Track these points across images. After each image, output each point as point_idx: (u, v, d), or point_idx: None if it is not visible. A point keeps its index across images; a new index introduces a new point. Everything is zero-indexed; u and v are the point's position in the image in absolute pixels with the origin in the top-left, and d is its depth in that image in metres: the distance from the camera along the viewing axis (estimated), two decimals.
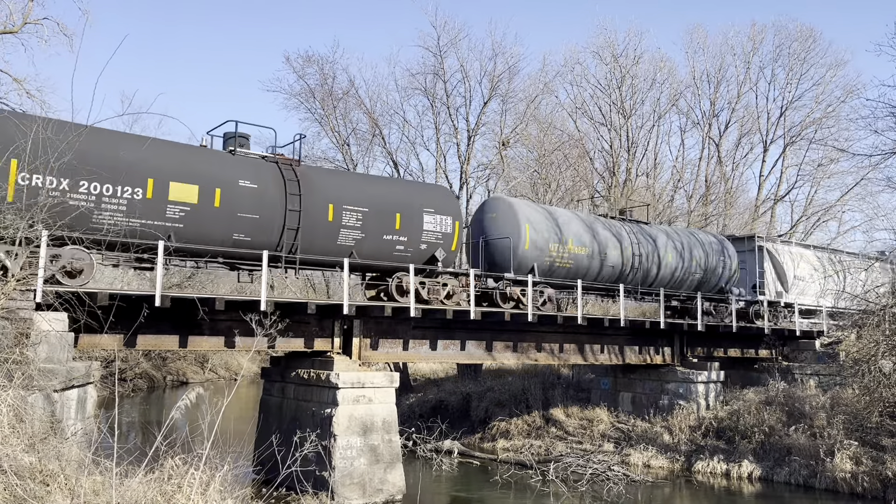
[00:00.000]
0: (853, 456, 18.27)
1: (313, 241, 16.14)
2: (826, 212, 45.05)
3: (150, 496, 7.85)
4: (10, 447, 7.99)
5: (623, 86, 42.18)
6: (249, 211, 15.28)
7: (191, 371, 44.67)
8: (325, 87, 37.15)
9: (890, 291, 19.60)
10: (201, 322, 15.12)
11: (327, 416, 16.11)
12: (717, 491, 18.80)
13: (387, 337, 18.31)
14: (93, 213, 13.25)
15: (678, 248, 24.26)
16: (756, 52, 46.37)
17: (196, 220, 14.55)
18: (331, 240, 16.43)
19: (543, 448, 23.01)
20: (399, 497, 16.41)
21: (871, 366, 18.97)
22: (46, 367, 10.90)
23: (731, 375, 25.66)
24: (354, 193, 16.99)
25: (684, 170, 46.47)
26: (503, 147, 37.11)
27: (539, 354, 21.55)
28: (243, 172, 15.50)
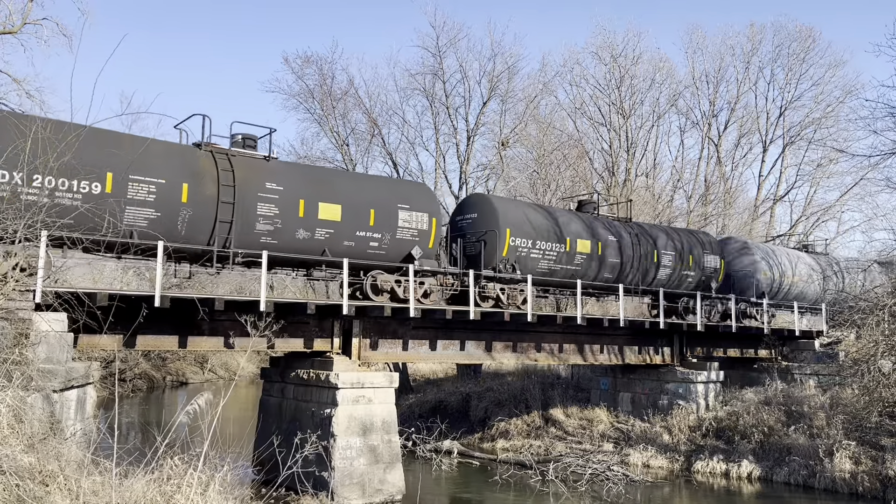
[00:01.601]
0: (852, 456, 18.28)
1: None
2: (825, 212, 45.11)
3: (149, 496, 7.85)
4: (9, 447, 7.99)
5: (622, 86, 42.21)
6: None
7: (190, 371, 44.66)
8: (325, 88, 37.19)
9: (889, 291, 19.59)
10: (201, 322, 15.11)
11: (327, 417, 16.11)
12: (717, 491, 18.80)
13: (386, 337, 18.31)
14: None
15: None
16: (755, 52, 46.45)
17: None
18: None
19: (543, 448, 23.01)
20: (399, 497, 16.41)
21: (870, 365, 18.96)
22: (46, 367, 10.89)
23: (730, 375, 25.66)
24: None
25: (684, 170, 46.54)
26: (502, 147, 37.12)
27: (539, 354, 21.55)
28: None
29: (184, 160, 15.01)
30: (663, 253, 23.60)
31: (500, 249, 19.16)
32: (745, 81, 46.31)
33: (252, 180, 15.53)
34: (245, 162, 15.80)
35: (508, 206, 20.67)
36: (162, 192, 14.34)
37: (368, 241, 17.06)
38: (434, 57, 36.89)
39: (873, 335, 18.88)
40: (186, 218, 14.62)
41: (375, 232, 17.11)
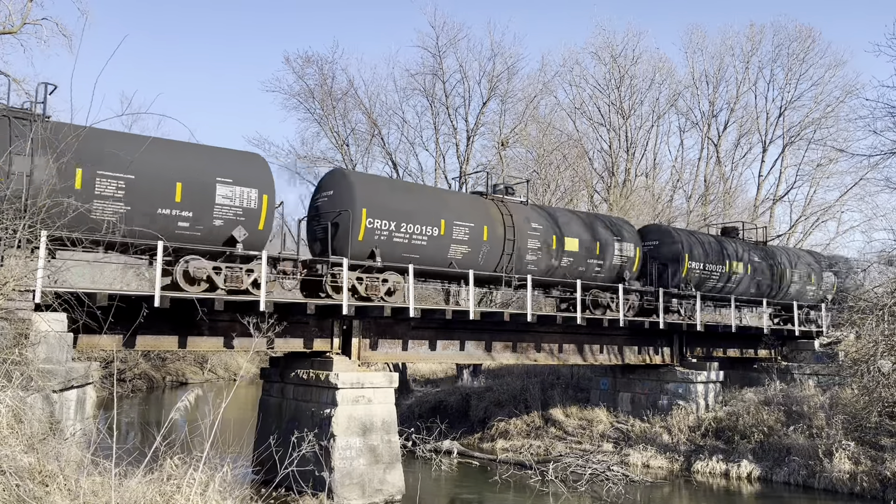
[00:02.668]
0: (852, 456, 18.29)
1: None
2: (825, 212, 45.09)
3: (149, 496, 7.85)
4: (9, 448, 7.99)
5: (622, 86, 42.23)
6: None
7: (190, 371, 44.66)
8: (325, 88, 37.18)
9: (889, 291, 19.60)
10: (200, 322, 15.11)
11: (326, 417, 16.11)
12: (717, 491, 18.80)
13: (386, 337, 18.32)
14: None
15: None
16: (755, 52, 46.45)
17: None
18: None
19: (543, 448, 23.02)
20: (398, 497, 16.41)
21: (869, 365, 18.97)
22: (45, 367, 10.90)
23: (730, 375, 25.67)
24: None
25: (683, 170, 46.55)
26: (502, 147, 37.13)
27: (538, 354, 21.56)
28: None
29: (484, 208, 19.59)
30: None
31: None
32: (745, 81, 46.35)
33: (520, 221, 19.92)
34: (514, 207, 20.44)
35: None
36: (472, 232, 18.85)
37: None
38: (434, 57, 36.92)
39: (873, 335, 18.89)
40: (485, 252, 19.08)
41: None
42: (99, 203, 13.40)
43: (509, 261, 19.72)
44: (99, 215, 13.34)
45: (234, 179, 15.04)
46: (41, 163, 12.51)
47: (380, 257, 17.06)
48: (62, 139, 12.50)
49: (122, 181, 13.62)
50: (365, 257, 16.97)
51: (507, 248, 19.57)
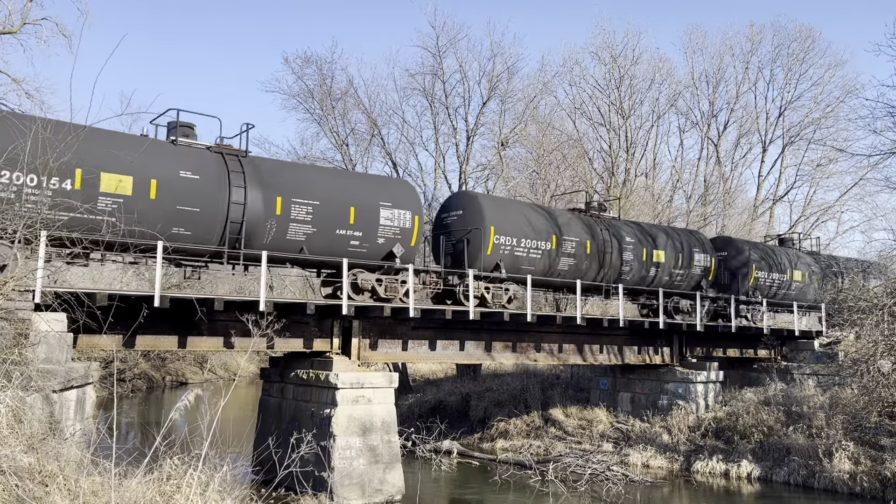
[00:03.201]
0: (852, 456, 18.28)
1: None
2: (825, 212, 45.15)
3: (148, 496, 7.85)
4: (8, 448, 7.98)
5: (622, 86, 42.24)
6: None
7: (190, 371, 44.67)
8: (324, 88, 37.17)
9: (888, 291, 19.61)
10: (200, 322, 15.11)
11: (326, 417, 16.11)
12: (716, 491, 18.80)
13: (386, 337, 18.32)
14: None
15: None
16: (755, 52, 46.49)
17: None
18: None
19: (542, 448, 23.03)
20: (398, 497, 16.41)
21: (869, 365, 18.98)
22: (45, 367, 10.89)
23: (730, 375, 25.68)
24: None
25: (683, 170, 46.57)
26: (502, 147, 37.12)
27: (538, 355, 21.56)
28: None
29: (587, 224, 21.86)
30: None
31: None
32: (745, 81, 46.38)
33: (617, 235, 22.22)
34: (609, 222, 22.42)
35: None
36: (577, 246, 21.02)
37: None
38: (434, 57, 36.91)
39: (872, 335, 18.90)
40: (587, 264, 21.34)
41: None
42: (294, 225, 15.83)
43: (607, 271, 22.13)
44: (293, 236, 15.85)
45: (392, 203, 17.43)
46: (252, 193, 15.15)
47: (504, 269, 19.13)
48: (264, 173, 15.50)
49: (310, 207, 16.03)
50: (491, 269, 19.09)
51: (604, 260, 21.94)
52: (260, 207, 15.23)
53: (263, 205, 15.27)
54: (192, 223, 14.45)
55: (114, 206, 13.43)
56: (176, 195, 14.26)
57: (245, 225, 15.01)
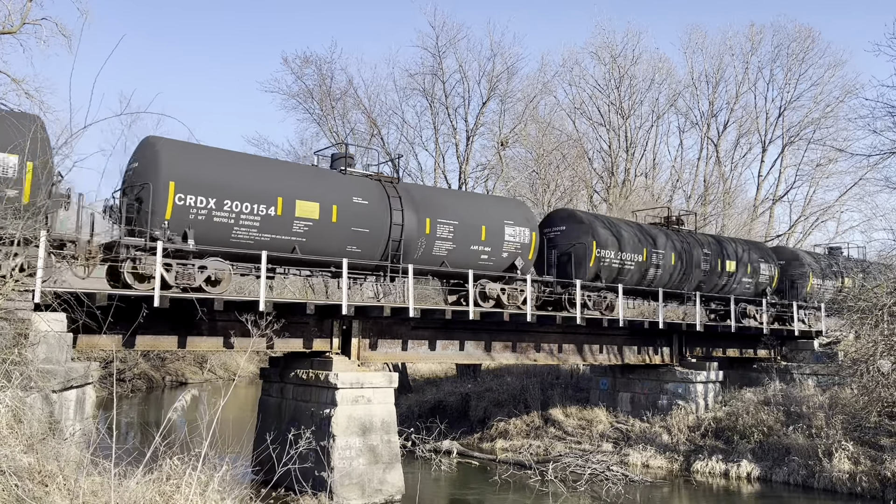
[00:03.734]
0: (851, 456, 18.28)
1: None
2: (824, 212, 45.13)
3: (148, 496, 7.85)
4: (8, 448, 7.99)
5: (621, 86, 42.26)
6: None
7: (189, 371, 44.65)
8: (324, 88, 37.19)
9: (888, 291, 19.60)
10: (200, 323, 15.11)
11: (326, 417, 16.11)
12: (716, 491, 18.81)
13: (386, 337, 18.31)
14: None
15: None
16: (755, 52, 46.50)
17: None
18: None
19: (542, 448, 23.02)
20: (398, 497, 16.41)
21: (869, 365, 18.97)
22: (45, 367, 10.89)
23: (729, 375, 25.68)
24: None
25: (683, 170, 46.58)
26: (502, 147, 37.12)
27: (538, 354, 21.56)
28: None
29: (672, 239, 23.95)
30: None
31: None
32: (745, 81, 46.39)
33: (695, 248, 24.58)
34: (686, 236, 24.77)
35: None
36: (664, 258, 23.43)
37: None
38: (433, 57, 36.93)
39: (872, 335, 18.90)
40: (673, 273, 23.70)
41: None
42: (439, 242, 18.21)
43: (689, 280, 24.42)
44: (438, 252, 18.24)
45: (514, 221, 19.78)
46: (408, 215, 17.60)
47: (603, 279, 21.55)
48: (415, 197, 18.13)
49: (451, 226, 18.44)
50: (592, 279, 21.45)
51: (686, 270, 24.28)
52: (414, 227, 17.73)
53: (417, 225, 17.80)
54: (362, 242, 16.97)
55: (305, 229, 15.95)
56: (351, 218, 16.70)
57: (402, 243, 17.44)
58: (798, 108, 45.76)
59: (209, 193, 14.51)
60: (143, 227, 13.94)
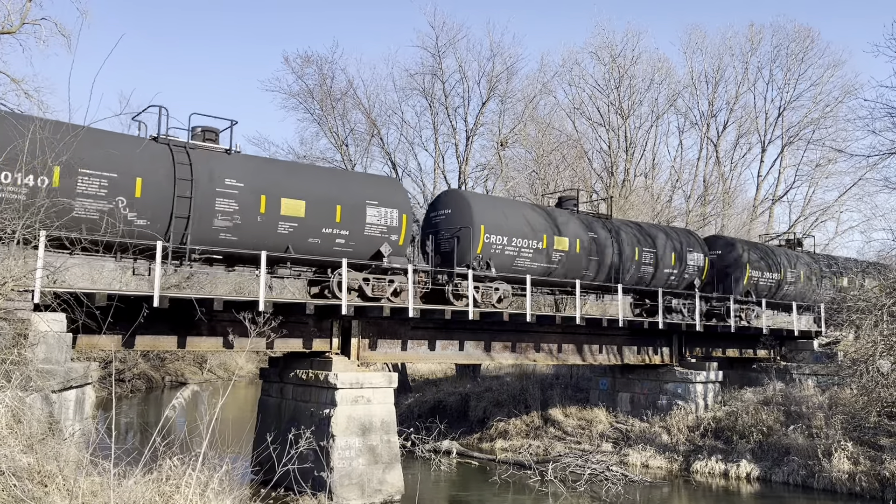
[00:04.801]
0: (851, 456, 18.28)
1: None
2: (824, 212, 45.17)
3: (148, 497, 7.85)
4: (7, 448, 7.98)
5: (621, 86, 42.24)
6: None
7: (189, 371, 44.65)
8: (324, 88, 37.18)
9: (887, 291, 19.61)
10: (199, 323, 15.10)
11: (326, 417, 16.10)
12: (716, 491, 18.81)
13: (385, 337, 18.31)
14: None
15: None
16: (754, 52, 46.52)
17: None
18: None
19: (542, 448, 23.02)
20: (398, 497, 16.41)
21: (868, 365, 18.98)
22: (44, 367, 10.88)
23: (729, 375, 25.66)
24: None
25: (682, 170, 46.58)
26: (501, 147, 37.12)
27: (538, 355, 21.55)
28: None
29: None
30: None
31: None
32: (744, 82, 46.41)
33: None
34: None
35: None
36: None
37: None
38: (433, 57, 36.92)
39: (872, 335, 18.90)
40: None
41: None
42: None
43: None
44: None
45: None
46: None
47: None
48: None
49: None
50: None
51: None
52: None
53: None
54: None
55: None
56: None
57: None
58: (797, 109, 45.84)
59: None
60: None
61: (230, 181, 15.31)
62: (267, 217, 15.66)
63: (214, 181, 15.04)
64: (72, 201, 13.19)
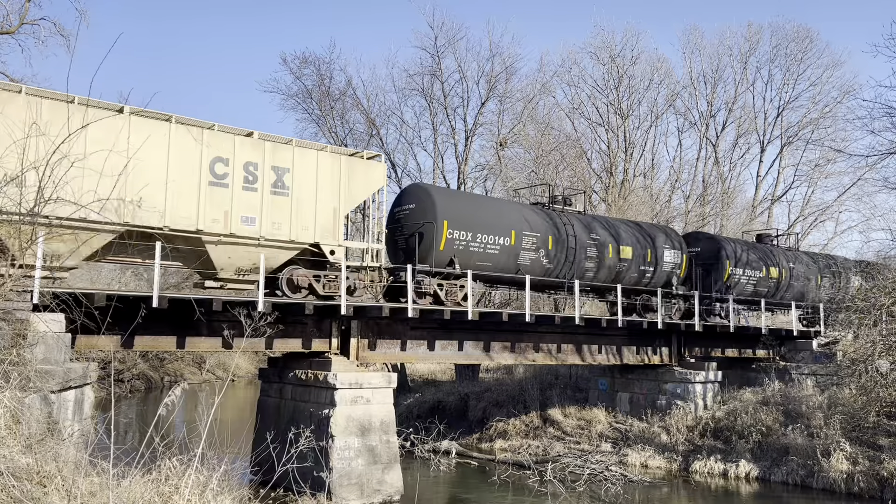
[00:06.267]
0: (850, 456, 18.29)
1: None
2: (823, 212, 45.18)
3: (147, 497, 7.84)
4: (7, 448, 7.97)
5: (620, 86, 42.26)
6: None
7: (188, 372, 44.60)
8: (323, 88, 37.22)
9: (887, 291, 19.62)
10: (199, 323, 15.09)
11: (325, 417, 16.10)
12: (715, 491, 18.81)
13: (384, 337, 18.30)
14: None
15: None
16: (753, 52, 46.53)
17: None
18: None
19: (541, 448, 23.02)
20: (397, 498, 16.41)
21: (867, 365, 19.00)
22: (43, 368, 10.87)
23: (728, 375, 25.67)
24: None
25: (682, 170, 46.59)
26: (501, 147, 37.14)
27: (537, 355, 21.56)
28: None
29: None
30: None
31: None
32: (743, 82, 46.43)
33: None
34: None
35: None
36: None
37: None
38: (432, 57, 36.96)
39: (871, 335, 18.92)
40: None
41: None
42: None
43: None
44: None
45: None
46: None
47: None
48: None
49: None
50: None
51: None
52: None
53: None
54: None
55: None
56: None
57: None
58: (796, 109, 45.86)
59: None
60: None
61: (594, 235, 21.79)
62: (613, 258, 22.08)
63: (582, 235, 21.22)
64: (518, 253, 19.73)
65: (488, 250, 19.18)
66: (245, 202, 15.44)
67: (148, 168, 14.20)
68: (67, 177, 11.16)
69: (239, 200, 15.36)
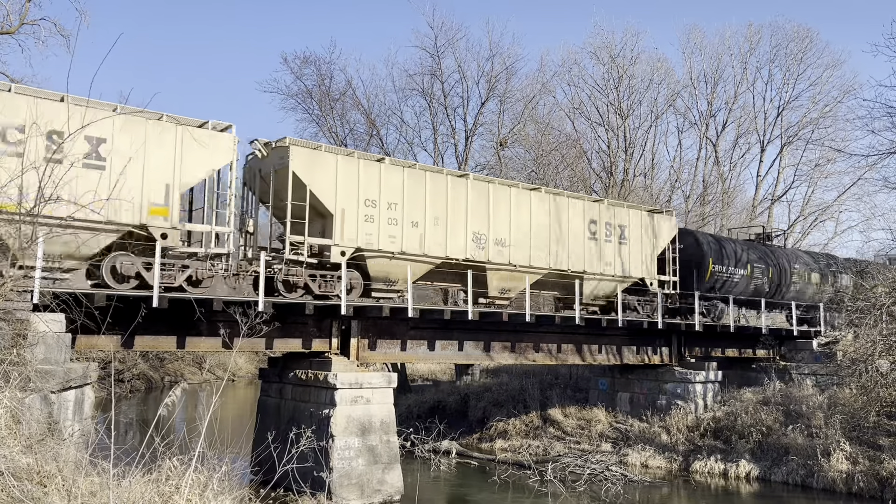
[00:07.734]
0: (850, 455, 18.29)
1: None
2: (823, 212, 45.14)
3: (147, 497, 7.84)
4: (7, 448, 7.98)
5: (620, 86, 42.21)
6: None
7: (188, 372, 44.61)
8: (323, 88, 37.19)
9: (887, 291, 19.61)
10: (199, 323, 15.09)
11: (325, 417, 16.10)
12: (715, 491, 18.81)
13: (385, 337, 18.31)
14: None
15: None
16: (753, 52, 46.46)
17: None
18: None
19: (541, 448, 23.01)
20: (397, 497, 16.41)
21: (868, 365, 18.99)
22: (44, 368, 10.87)
23: (728, 375, 25.66)
24: None
25: (682, 170, 46.52)
26: (501, 147, 37.14)
27: (537, 355, 21.55)
28: None
29: None
30: None
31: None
32: (743, 81, 46.34)
33: None
34: None
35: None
36: None
37: None
38: (432, 57, 36.93)
39: (871, 335, 18.91)
40: None
41: None
42: None
43: None
44: None
45: None
46: None
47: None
48: None
49: None
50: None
51: None
52: None
53: None
54: None
55: None
56: None
57: None
58: (796, 108, 45.77)
59: None
60: None
61: None
62: None
63: None
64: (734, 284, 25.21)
65: (734, 279, 25.63)
66: None
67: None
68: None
69: None
